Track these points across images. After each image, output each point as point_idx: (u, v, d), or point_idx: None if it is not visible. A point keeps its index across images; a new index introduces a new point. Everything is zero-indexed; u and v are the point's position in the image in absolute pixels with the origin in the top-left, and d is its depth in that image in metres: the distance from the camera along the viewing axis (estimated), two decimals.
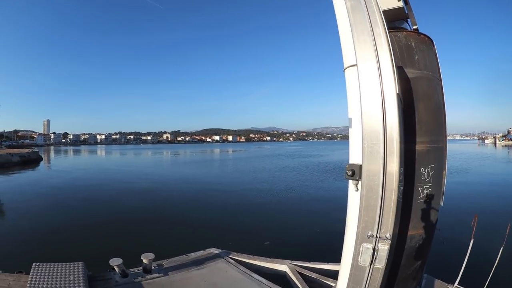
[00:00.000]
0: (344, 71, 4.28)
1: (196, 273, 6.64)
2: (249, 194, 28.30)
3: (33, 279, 5.76)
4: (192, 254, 7.67)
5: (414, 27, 5.05)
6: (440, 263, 7.45)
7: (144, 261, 6.51)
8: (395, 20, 4.73)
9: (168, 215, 20.76)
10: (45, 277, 5.84)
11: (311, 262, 7.03)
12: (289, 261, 7.05)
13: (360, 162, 3.89)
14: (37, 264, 6.31)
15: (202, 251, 7.88)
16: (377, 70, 3.73)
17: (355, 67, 3.94)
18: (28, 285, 5.55)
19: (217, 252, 7.73)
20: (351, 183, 4.08)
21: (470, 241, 5.18)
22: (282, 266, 6.98)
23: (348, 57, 4.17)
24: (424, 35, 4.89)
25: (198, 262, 7.14)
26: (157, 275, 6.51)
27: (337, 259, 5.65)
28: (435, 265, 5.36)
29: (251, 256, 7.47)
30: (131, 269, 6.65)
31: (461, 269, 5.35)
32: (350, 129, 4.18)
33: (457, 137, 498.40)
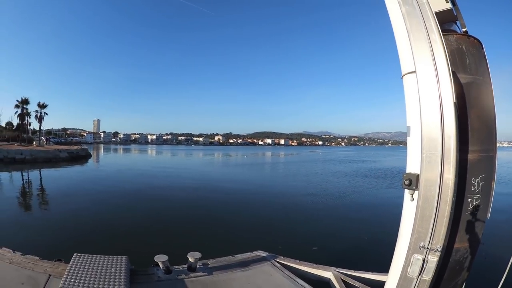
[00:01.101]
0: (402, 78, 4.25)
1: (241, 274, 6.68)
2: (300, 198, 28.13)
3: (72, 268, 5.95)
4: (239, 255, 7.72)
5: (464, 29, 4.89)
6: (479, 278, 7.26)
7: (190, 259, 6.61)
8: (444, 23, 4.61)
9: (218, 215, 20.84)
10: (85, 267, 5.99)
11: (356, 271, 6.95)
12: (334, 268, 7.00)
13: (417, 172, 3.88)
14: (78, 254, 6.45)
15: (249, 253, 7.92)
16: (435, 77, 3.73)
17: (414, 74, 3.93)
18: (66, 273, 5.70)
19: (264, 255, 7.77)
20: (407, 192, 4.07)
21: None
22: (327, 273, 6.95)
23: (406, 64, 4.15)
24: (474, 37, 4.68)
25: (244, 264, 7.18)
26: (201, 273, 6.58)
27: (382, 269, 5.61)
28: (473, 280, 5.23)
29: (297, 261, 7.47)
30: (175, 266, 6.78)
31: (498, 285, 5.20)
32: (408, 138, 4.16)
33: (505, 145, 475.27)
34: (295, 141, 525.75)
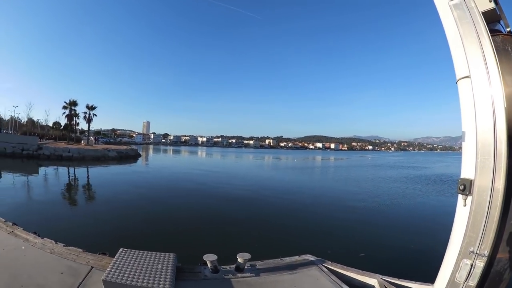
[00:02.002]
0: (457, 82, 4.26)
1: (287, 277, 6.71)
2: (351, 203, 27.87)
3: (117, 262, 6.11)
4: (287, 258, 7.76)
5: (508, 29, 4.74)
6: None
7: (239, 260, 6.68)
8: (489, 23, 4.52)
9: (267, 218, 20.96)
10: (131, 262, 6.14)
11: (400, 279, 6.93)
12: (380, 276, 6.95)
13: (471, 177, 3.91)
14: (124, 249, 6.66)
15: (297, 257, 7.94)
16: (487, 81, 3.75)
17: (468, 78, 3.95)
18: (110, 267, 5.87)
19: (312, 259, 7.77)
20: (460, 197, 4.09)
21: None
22: (372, 280, 6.90)
23: (460, 69, 4.15)
24: None
25: (292, 267, 7.20)
26: (248, 274, 6.64)
27: (427, 279, 5.60)
28: None
29: (344, 266, 7.44)
30: (223, 266, 6.91)
31: None
32: (463, 143, 4.17)
33: None
34: (345, 146, 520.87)
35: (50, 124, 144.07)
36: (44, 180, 36.53)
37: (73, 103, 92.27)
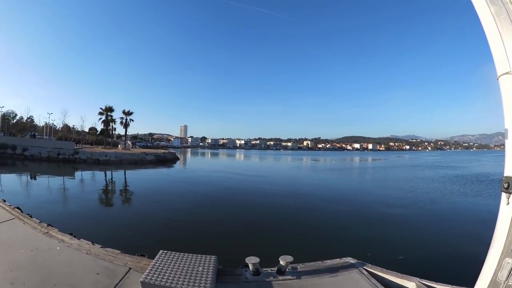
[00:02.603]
0: (498, 79, 4.20)
1: (328, 280, 6.63)
2: (389, 204, 27.49)
3: (157, 264, 6.01)
4: (328, 261, 7.68)
5: None
6: None
7: (281, 262, 6.62)
8: None
9: (308, 219, 20.73)
10: (171, 264, 6.00)
11: (438, 283, 6.83)
12: (418, 279, 6.82)
13: None
14: (164, 251, 6.60)
15: (338, 259, 7.85)
16: None
17: (510, 75, 3.88)
18: (149, 268, 5.74)
19: (353, 262, 7.69)
20: (503, 195, 4.03)
21: None
22: (410, 284, 6.79)
23: (500, 65, 4.07)
24: None
25: (332, 270, 7.12)
26: (289, 277, 6.58)
27: (466, 282, 5.52)
28: None
29: (384, 269, 7.34)
30: (264, 269, 6.90)
31: None
32: (506, 140, 4.11)
33: None
34: (382, 146, 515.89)
35: (86, 130, 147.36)
36: (81, 183, 37.23)
37: (109, 109, 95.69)
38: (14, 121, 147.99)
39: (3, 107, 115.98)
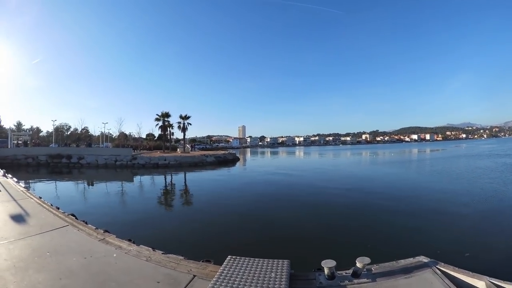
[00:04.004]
0: None
1: (403, 282, 6.28)
2: (453, 197, 26.43)
3: (225, 270, 5.92)
4: (402, 261, 7.31)
5: None
6: None
7: (358, 264, 6.33)
8: None
9: (376, 216, 20.23)
10: (240, 270, 5.86)
11: (508, 282, 6.31)
12: (487, 278, 6.34)
13: None
14: (233, 257, 6.47)
15: (411, 259, 7.47)
16: None
17: None
18: (217, 276, 5.62)
19: (426, 261, 7.28)
20: None
21: None
22: (480, 283, 6.33)
23: None
24: None
25: (407, 271, 6.76)
26: (364, 280, 6.27)
27: None
28: None
29: (455, 268, 6.90)
30: (338, 272, 6.56)
31: None
32: None
33: None
34: (440, 136, 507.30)
35: (144, 136, 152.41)
36: (139, 187, 38.03)
37: (166, 115, 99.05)
38: (68, 133, 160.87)
39: (55, 120, 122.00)
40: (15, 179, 22.17)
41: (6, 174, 24.33)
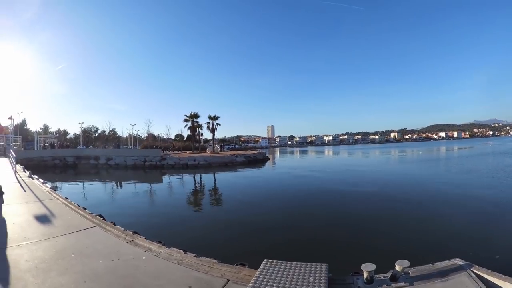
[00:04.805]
0: None
1: (440, 285, 6.06)
2: (483, 196, 25.94)
3: (262, 275, 5.77)
4: (438, 263, 7.10)
5: None
6: None
7: (397, 267, 6.14)
8: None
9: (412, 217, 19.92)
10: (278, 274, 5.77)
11: None
12: None
13: None
14: (269, 260, 6.31)
15: (447, 261, 7.26)
16: None
17: None
18: (254, 280, 5.53)
19: (461, 263, 7.06)
20: None
21: None
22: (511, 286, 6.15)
23: None
24: None
25: (442, 274, 6.55)
26: (402, 284, 6.07)
27: None
28: None
29: (489, 271, 6.67)
30: (376, 276, 6.34)
31: None
32: None
33: None
34: (467, 133, 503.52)
35: (172, 137, 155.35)
36: (169, 188, 38.39)
37: (195, 116, 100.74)
38: (96, 135, 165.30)
39: (83, 123, 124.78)
40: (41, 180, 22.52)
41: (32, 175, 24.76)
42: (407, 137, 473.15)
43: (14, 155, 29.11)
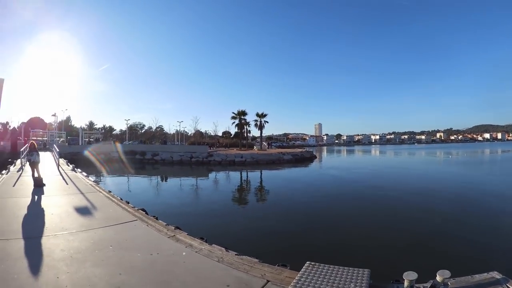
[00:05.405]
0: None
1: None
2: None
3: (303, 277, 5.56)
4: (477, 276, 6.80)
5: None
6: None
7: (438, 278, 5.89)
8: None
9: (453, 224, 19.25)
10: (319, 278, 5.57)
11: None
12: None
13: None
14: (312, 263, 6.10)
15: (485, 274, 6.95)
16: None
17: None
18: (294, 282, 5.34)
19: (498, 277, 6.73)
20: None
21: None
22: None
23: None
24: None
25: (481, 287, 6.28)
26: None
27: None
28: None
29: None
30: (417, 285, 6.08)
31: None
32: None
33: None
34: (511, 135, 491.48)
35: (220, 134, 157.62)
36: (214, 184, 38.80)
37: (242, 113, 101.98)
38: (142, 131, 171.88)
39: (129, 119, 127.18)
40: (84, 174, 23.37)
41: (75, 169, 25.58)
42: (452, 137, 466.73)
43: (57, 150, 29.99)
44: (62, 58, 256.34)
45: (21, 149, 28.56)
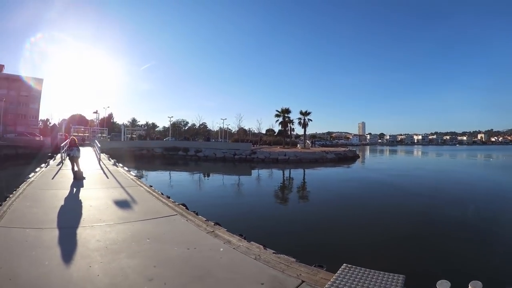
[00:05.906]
0: None
1: None
2: None
3: (339, 279, 5.51)
4: None
5: None
6: None
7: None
8: None
9: (494, 233, 18.71)
10: (354, 281, 5.49)
11: None
12: None
13: None
14: (348, 265, 6.01)
15: None
16: None
17: None
18: (329, 284, 5.31)
19: None
20: None
21: None
22: None
23: None
24: None
25: None
26: None
27: None
28: None
29: None
30: None
31: None
32: None
33: None
34: None
35: (263, 132, 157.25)
36: (257, 181, 39.05)
37: (286, 111, 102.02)
38: (186, 128, 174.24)
39: (172, 116, 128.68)
40: (126, 168, 24.00)
41: (117, 164, 26.33)
42: (493, 139, 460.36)
43: (99, 145, 30.97)
44: (105, 57, 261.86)
45: (61, 144, 29.32)
